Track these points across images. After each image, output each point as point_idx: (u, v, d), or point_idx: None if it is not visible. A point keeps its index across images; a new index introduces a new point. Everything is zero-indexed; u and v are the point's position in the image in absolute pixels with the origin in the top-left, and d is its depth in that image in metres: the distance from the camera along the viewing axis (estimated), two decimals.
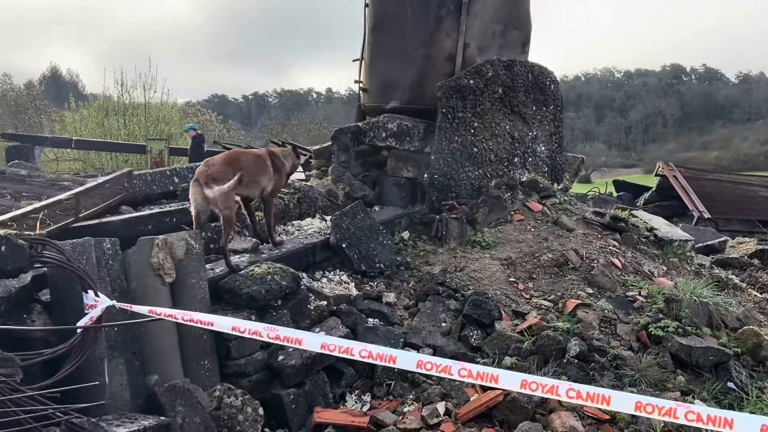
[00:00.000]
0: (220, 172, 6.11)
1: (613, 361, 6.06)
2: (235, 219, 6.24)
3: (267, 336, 3.93)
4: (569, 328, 6.28)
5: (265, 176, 6.61)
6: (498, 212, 8.45)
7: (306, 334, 3.94)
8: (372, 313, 6.66)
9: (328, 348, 3.87)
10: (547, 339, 6.08)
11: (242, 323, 4.07)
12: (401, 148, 8.80)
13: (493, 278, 7.28)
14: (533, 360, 5.97)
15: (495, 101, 8.82)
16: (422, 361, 3.76)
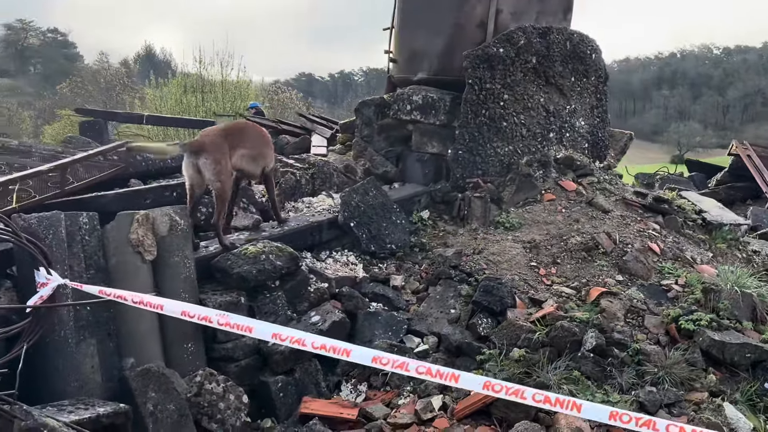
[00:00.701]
0: (214, 143, 5.85)
1: (634, 357, 5.55)
2: (228, 194, 5.97)
3: (217, 322, 3.64)
4: (588, 319, 5.79)
5: (269, 149, 6.33)
6: (527, 191, 7.94)
7: (257, 323, 3.63)
8: (376, 297, 6.32)
9: (279, 338, 3.55)
10: (561, 330, 5.61)
11: (193, 308, 3.79)
12: (426, 121, 8.37)
13: (513, 262, 6.81)
14: (544, 353, 5.52)
15: (528, 72, 8.26)
16: (378, 356, 3.41)
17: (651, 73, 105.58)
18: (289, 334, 3.48)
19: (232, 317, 3.66)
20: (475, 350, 5.70)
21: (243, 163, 6.08)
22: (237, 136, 6.02)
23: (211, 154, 5.76)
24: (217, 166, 5.78)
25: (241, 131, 6.13)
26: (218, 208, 5.88)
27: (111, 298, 3.98)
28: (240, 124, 6.29)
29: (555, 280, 6.58)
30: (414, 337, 5.97)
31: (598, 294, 6.24)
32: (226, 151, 5.85)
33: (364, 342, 5.87)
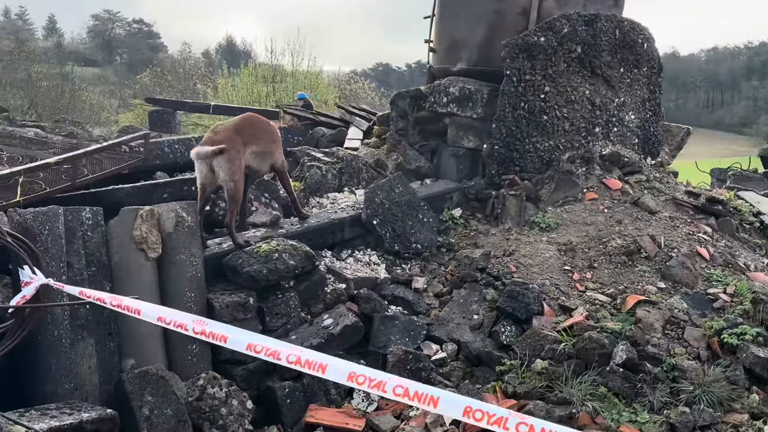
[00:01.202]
0: (229, 140, 5.67)
1: (669, 373, 5.15)
2: (241, 193, 5.80)
3: (192, 330, 3.45)
4: (621, 330, 5.40)
5: (277, 146, 6.12)
6: (567, 189, 7.54)
7: (234, 332, 3.42)
8: (395, 300, 6.07)
9: (254, 349, 3.33)
10: (588, 341, 5.25)
11: (170, 314, 3.60)
12: (462, 114, 8.03)
13: (545, 265, 6.45)
14: (569, 365, 5.17)
15: (572, 62, 7.83)
16: (354, 373, 3.15)
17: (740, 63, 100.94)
18: (265, 345, 3.26)
19: (209, 325, 3.46)
20: (495, 360, 5.41)
21: (251, 161, 5.90)
22: (249, 131, 5.84)
23: (227, 152, 5.59)
24: (232, 165, 5.61)
25: (253, 126, 5.93)
26: (231, 208, 5.72)
27: (90, 300, 3.83)
28: (250, 118, 6.07)
29: (589, 286, 6.19)
30: (432, 344, 5.70)
31: (635, 302, 5.83)
32: (241, 149, 5.67)
33: (379, 347, 5.64)
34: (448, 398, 2.98)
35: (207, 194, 5.81)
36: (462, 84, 8.08)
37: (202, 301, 5.30)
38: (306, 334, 5.47)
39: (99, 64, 62.17)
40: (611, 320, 5.64)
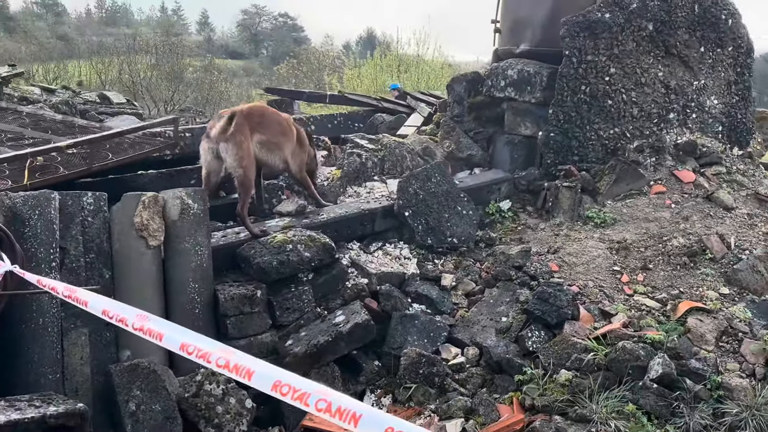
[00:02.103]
0: (238, 124, 5.52)
1: (713, 391, 4.60)
2: (253, 182, 5.65)
3: (132, 326, 3.30)
4: (663, 340, 4.87)
5: (288, 141, 5.92)
6: (630, 181, 6.95)
7: (172, 329, 3.24)
8: (419, 298, 5.76)
9: (186, 350, 3.14)
10: (621, 352, 4.77)
11: (114, 307, 3.46)
12: (521, 99, 7.57)
13: (591, 265, 5.95)
14: (596, 378, 4.71)
15: (642, 40, 7.20)
16: (280, 382, 2.90)
17: None
18: (197, 346, 3.05)
19: (150, 320, 3.29)
20: (515, 368, 5.00)
21: (258, 151, 5.73)
22: (255, 119, 5.67)
23: (233, 137, 5.45)
24: (240, 150, 5.46)
25: (260, 115, 5.76)
26: (241, 197, 5.58)
27: (45, 289, 3.75)
28: (258, 107, 5.92)
29: (638, 290, 5.65)
30: (452, 347, 5.35)
31: (687, 309, 5.27)
32: (247, 134, 5.51)
33: (394, 348, 5.35)
34: (371, 417, 2.67)
35: (212, 184, 5.70)
36: (521, 66, 7.61)
37: (207, 293, 5.18)
38: (315, 331, 5.25)
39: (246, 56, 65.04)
40: (656, 328, 5.10)
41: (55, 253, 4.58)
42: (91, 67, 33.28)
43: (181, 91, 30.90)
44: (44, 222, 4.54)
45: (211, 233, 5.84)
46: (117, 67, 32.35)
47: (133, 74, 31.01)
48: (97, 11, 78.97)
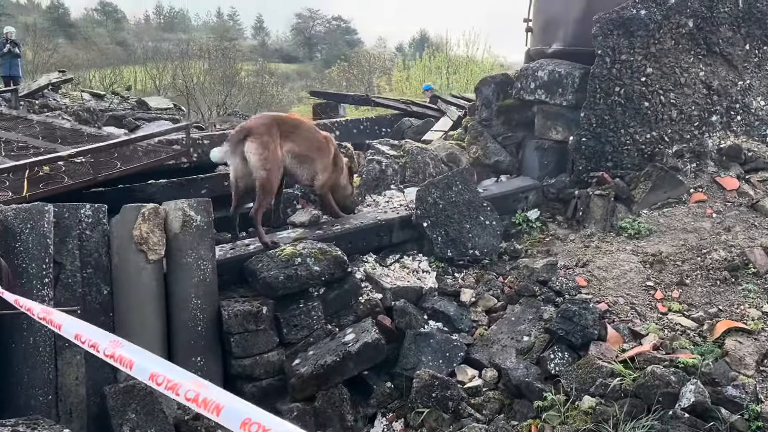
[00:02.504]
0: (263, 126, 5.39)
1: (751, 422, 4.21)
2: (275, 187, 5.50)
3: (104, 352, 3.09)
4: (696, 364, 4.50)
5: (322, 157, 5.73)
6: (668, 189, 6.55)
7: (144, 358, 3.01)
8: (435, 315, 5.49)
9: (156, 380, 2.91)
10: (651, 377, 4.41)
11: (86, 331, 3.25)
12: (551, 101, 7.22)
13: (622, 280, 5.58)
14: (622, 406, 4.36)
15: (681, 38, 6.80)
16: (249, 420, 2.65)
17: None
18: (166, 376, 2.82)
19: (123, 347, 3.07)
20: (536, 393, 4.68)
21: (288, 161, 5.56)
22: (288, 128, 5.52)
23: (259, 137, 5.29)
24: (265, 151, 5.31)
25: (295, 126, 5.62)
26: (259, 200, 5.41)
27: (22, 310, 3.58)
28: (297, 119, 5.80)
29: (673, 307, 5.27)
30: (468, 369, 5.06)
31: (726, 330, 4.87)
32: (277, 138, 5.34)
33: (407, 369, 5.08)
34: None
35: (241, 191, 5.54)
36: (552, 67, 7.27)
37: (211, 309, 4.99)
38: (323, 350, 5.01)
39: (300, 60, 65.99)
40: (690, 351, 4.73)
41: (48, 269, 4.43)
42: (146, 72, 33.99)
43: (233, 95, 31.23)
44: (37, 236, 4.39)
45: (222, 245, 5.68)
46: (171, 72, 32.93)
47: (186, 79, 31.49)
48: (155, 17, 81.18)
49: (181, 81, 31.63)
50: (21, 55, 17.49)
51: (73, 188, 5.37)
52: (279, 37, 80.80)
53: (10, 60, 16.71)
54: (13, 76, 16.66)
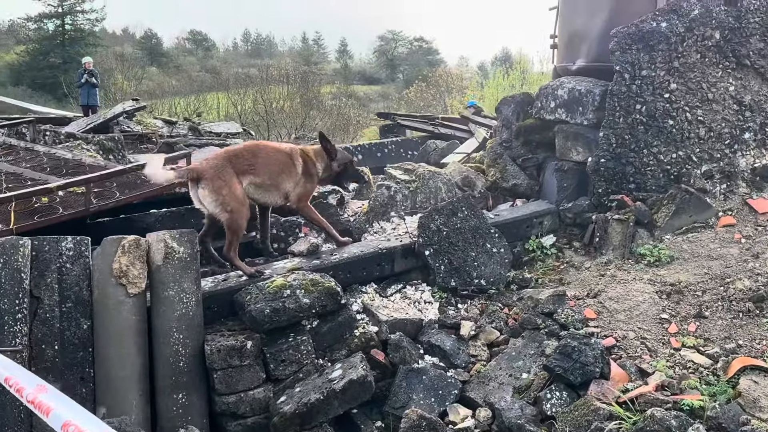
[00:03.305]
0: (213, 168, 5.30)
1: None
2: (242, 224, 5.35)
3: (26, 397, 3.05)
4: (703, 407, 4.18)
5: (288, 179, 5.58)
6: (693, 212, 6.20)
7: (63, 405, 2.95)
8: (432, 349, 5.28)
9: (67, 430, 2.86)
10: (650, 421, 4.11)
11: (17, 374, 3.21)
12: (572, 121, 6.96)
13: (634, 312, 5.27)
14: None
15: (707, 51, 6.47)
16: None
17: None
18: (80, 428, 2.74)
19: (48, 393, 3.02)
20: None
21: (252, 192, 5.45)
22: (245, 161, 5.38)
23: (209, 182, 5.21)
24: (219, 195, 5.22)
25: (253, 155, 5.46)
26: (228, 239, 5.31)
27: None
28: (252, 147, 5.62)
29: (687, 342, 4.93)
30: (461, 408, 4.82)
31: (742, 368, 4.52)
32: (230, 177, 5.24)
33: (396, 408, 4.88)
34: None
35: (216, 226, 5.45)
36: (572, 85, 7.01)
37: (194, 344, 4.90)
38: (309, 387, 4.86)
39: (382, 81, 67.22)
40: (699, 391, 4.41)
41: (22, 305, 4.43)
42: (228, 98, 35.05)
43: (311, 118, 31.81)
44: (10, 270, 4.40)
45: (216, 276, 5.61)
46: (251, 97, 33.81)
47: (266, 103, 32.28)
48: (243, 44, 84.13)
49: (261, 105, 32.47)
50: (99, 85, 18.08)
51: (63, 220, 5.39)
52: (362, 59, 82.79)
53: (89, 90, 17.35)
54: (91, 105, 17.32)
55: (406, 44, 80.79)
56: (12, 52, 54.84)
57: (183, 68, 55.60)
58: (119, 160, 8.12)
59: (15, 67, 51.81)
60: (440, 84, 41.16)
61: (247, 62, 59.51)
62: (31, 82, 47.88)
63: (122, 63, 41.79)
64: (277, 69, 40.86)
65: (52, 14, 54.39)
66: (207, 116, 32.36)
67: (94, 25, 56.80)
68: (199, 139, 17.87)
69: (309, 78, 38.63)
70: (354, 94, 47.10)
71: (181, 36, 75.57)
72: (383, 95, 54.91)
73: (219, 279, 5.52)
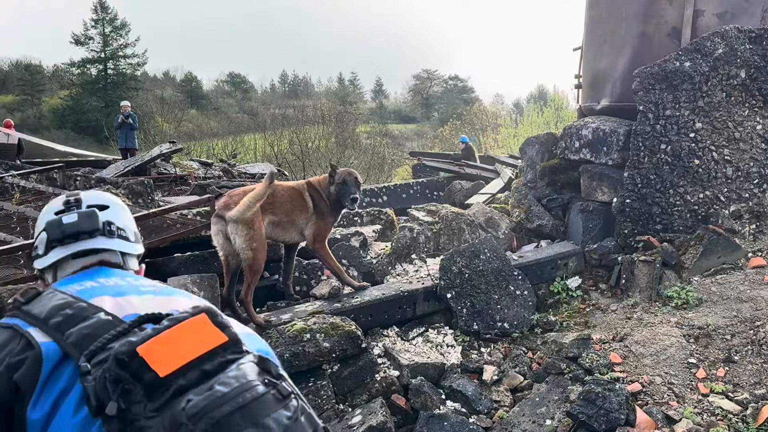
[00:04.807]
0: (246, 205, 5.25)
1: None
2: (262, 264, 5.30)
3: None
4: None
5: (303, 214, 5.53)
6: (722, 253, 6.05)
7: None
8: (453, 394, 5.16)
9: None
10: None
11: None
12: (597, 161, 6.88)
13: (662, 356, 5.12)
14: None
15: (733, 90, 6.37)
16: None
17: None
18: None
19: None
20: None
21: (270, 231, 5.40)
22: (267, 198, 5.36)
23: (244, 217, 5.17)
24: (249, 230, 5.16)
25: (272, 194, 5.43)
26: (247, 280, 5.23)
27: None
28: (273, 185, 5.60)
29: (716, 388, 4.77)
30: None
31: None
32: (259, 213, 5.21)
33: None
34: None
35: (233, 268, 5.40)
36: (597, 124, 6.94)
37: None
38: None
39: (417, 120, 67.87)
40: None
41: None
42: (265, 138, 35.63)
43: (346, 157, 32.18)
44: None
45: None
46: (288, 138, 34.34)
47: (302, 144, 32.71)
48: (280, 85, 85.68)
49: (297, 146, 32.90)
50: (136, 127, 18.35)
51: None
52: (397, 98, 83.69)
53: (126, 132, 17.59)
54: (129, 147, 17.57)
55: (441, 83, 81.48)
56: (56, 96, 56.41)
57: (222, 110, 56.71)
58: (148, 203, 8.20)
59: (58, 111, 53.26)
60: (475, 122, 41.24)
61: (284, 103, 60.51)
62: (74, 126, 49.13)
63: (162, 106, 42.73)
64: (313, 109, 41.43)
65: (95, 59, 55.95)
66: (244, 157, 32.86)
67: (136, 70, 58.35)
68: (231, 181, 18.05)
69: (344, 117, 39.08)
70: (389, 133, 47.47)
71: (220, 78, 77.19)
72: (418, 134, 55.25)
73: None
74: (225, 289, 5.34)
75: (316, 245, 5.59)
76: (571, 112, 32.00)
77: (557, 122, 30.90)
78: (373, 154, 34.31)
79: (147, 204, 8.02)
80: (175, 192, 13.22)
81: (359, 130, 41.37)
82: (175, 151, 16.19)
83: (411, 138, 51.94)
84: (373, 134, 42.16)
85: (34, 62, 63.38)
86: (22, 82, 59.39)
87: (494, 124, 40.89)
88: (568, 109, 33.25)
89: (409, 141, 49.29)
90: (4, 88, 58.66)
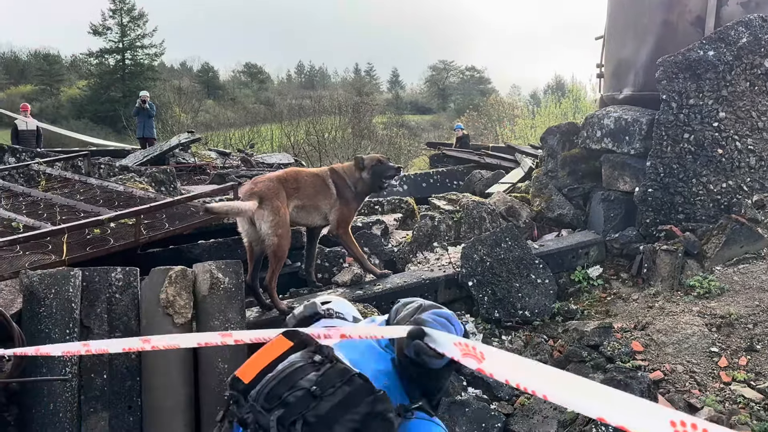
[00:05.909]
0: (270, 189, 5.30)
1: None
2: (286, 250, 5.36)
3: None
4: None
5: (326, 200, 5.57)
6: (745, 243, 6.05)
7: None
8: (475, 381, 5.21)
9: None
10: None
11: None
12: (618, 150, 6.88)
13: (683, 345, 5.14)
14: None
15: (757, 79, 6.35)
16: None
17: None
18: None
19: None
20: None
21: (295, 215, 5.45)
22: (292, 183, 5.41)
23: (270, 202, 5.22)
24: (276, 216, 5.21)
25: (296, 180, 5.48)
26: (272, 266, 5.29)
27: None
28: (293, 172, 5.64)
29: (738, 376, 4.79)
30: None
31: None
32: (284, 200, 5.26)
33: None
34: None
35: (257, 255, 5.45)
36: (619, 114, 6.94)
37: None
38: None
39: (433, 111, 67.83)
40: (750, 427, 4.27)
41: (72, 334, 4.53)
42: (282, 129, 35.74)
43: (363, 147, 32.31)
44: (61, 301, 4.50)
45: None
46: (304, 128, 34.44)
47: (318, 134, 32.80)
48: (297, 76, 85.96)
49: (314, 136, 32.99)
50: (154, 115, 18.37)
51: (115, 251, 5.51)
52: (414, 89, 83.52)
53: (144, 121, 17.59)
54: (147, 137, 17.61)
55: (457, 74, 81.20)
56: (74, 86, 56.82)
57: (238, 100, 56.91)
58: (170, 191, 8.29)
59: (77, 101, 53.63)
60: (491, 113, 41.10)
61: (301, 93, 60.56)
62: (93, 116, 49.48)
63: (180, 96, 42.96)
64: (329, 100, 41.46)
65: (113, 50, 56.23)
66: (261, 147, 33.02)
67: (153, 60, 58.62)
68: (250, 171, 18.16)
69: (361, 108, 39.12)
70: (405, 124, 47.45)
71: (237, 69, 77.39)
72: (434, 124, 55.14)
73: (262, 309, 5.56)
74: (248, 276, 5.39)
75: (340, 230, 5.63)
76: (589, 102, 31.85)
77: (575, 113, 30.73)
78: (390, 145, 34.39)
79: (170, 192, 8.12)
80: (194, 181, 13.33)
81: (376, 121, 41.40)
82: (193, 141, 16.29)
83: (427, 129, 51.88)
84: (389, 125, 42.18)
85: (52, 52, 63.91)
86: (41, 72, 59.84)
87: (511, 115, 40.72)
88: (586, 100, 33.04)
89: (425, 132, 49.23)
90: (23, 77, 59.17)
